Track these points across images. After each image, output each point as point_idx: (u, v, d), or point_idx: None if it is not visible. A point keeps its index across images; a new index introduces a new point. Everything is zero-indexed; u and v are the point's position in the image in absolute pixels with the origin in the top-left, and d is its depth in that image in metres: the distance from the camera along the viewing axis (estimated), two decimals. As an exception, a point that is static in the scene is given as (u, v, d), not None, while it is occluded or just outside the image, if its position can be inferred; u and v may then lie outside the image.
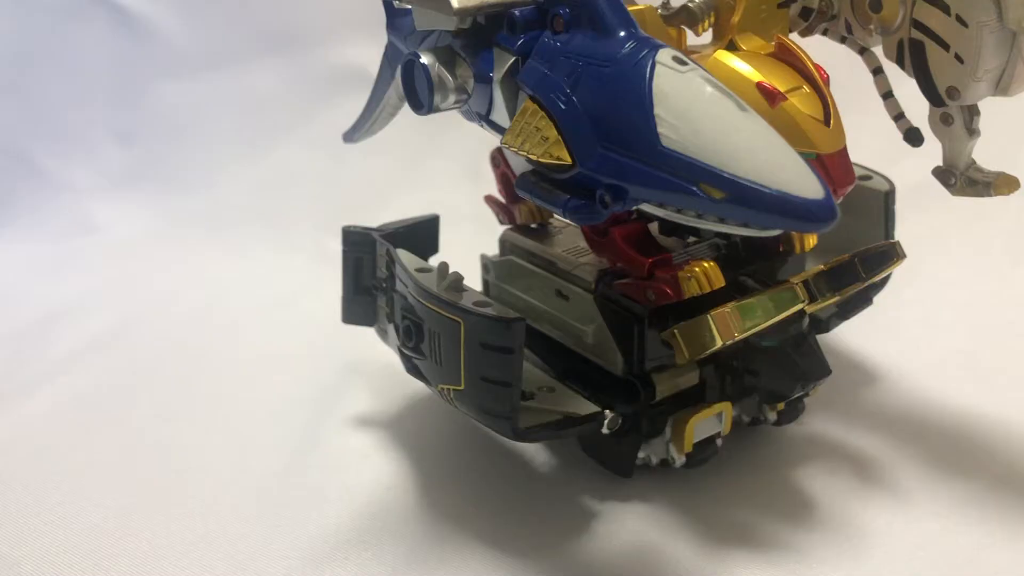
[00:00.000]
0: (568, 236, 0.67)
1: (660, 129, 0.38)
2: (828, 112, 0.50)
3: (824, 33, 0.61)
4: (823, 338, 0.76)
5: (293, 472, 0.65)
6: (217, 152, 1.08)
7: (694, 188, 0.37)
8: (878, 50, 0.58)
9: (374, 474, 0.65)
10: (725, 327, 0.52)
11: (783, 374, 0.56)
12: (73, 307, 0.93)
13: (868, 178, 0.68)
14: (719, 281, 0.53)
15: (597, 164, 0.40)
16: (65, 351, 0.84)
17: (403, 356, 0.59)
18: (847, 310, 0.67)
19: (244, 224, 1.02)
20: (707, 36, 0.59)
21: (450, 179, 1.03)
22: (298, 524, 0.60)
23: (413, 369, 0.58)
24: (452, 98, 0.48)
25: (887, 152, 0.68)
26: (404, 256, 0.59)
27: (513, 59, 0.45)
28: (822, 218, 0.36)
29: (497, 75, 0.46)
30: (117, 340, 0.86)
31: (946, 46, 0.52)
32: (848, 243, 0.67)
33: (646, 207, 0.40)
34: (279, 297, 0.91)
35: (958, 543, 0.56)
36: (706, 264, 0.53)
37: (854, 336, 0.77)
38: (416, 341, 0.56)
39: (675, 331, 0.54)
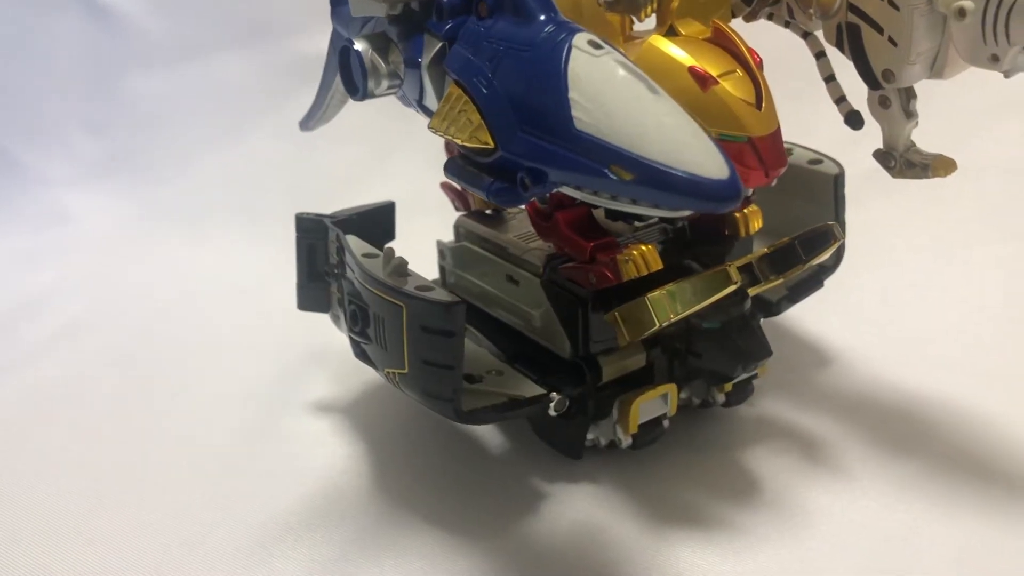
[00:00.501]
0: (520, 222, 0.67)
1: (574, 112, 0.38)
2: (760, 95, 0.50)
3: (769, 18, 0.62)
4: (780, 321, 0.78)
5: (249, 457, 0.66)
6: (189, 142, 1.09)
7: (606, 170, 0.38)
8: (821, 35, 0.59)
9: (329, 458, 0.65)
10: (661, 309, 0.53)
11: (725, 355, 0.57)
12: (44, 297, 0.94)
13: (819, 162, 0.69)
14: (656, 264, 0.54)
15: (517, 147, 0.40)
16: (33, 341, 0.85)
17: (352, 341, 0.59)
18: (797, 293, 0.68)
19: (215, 213, 1.03)
20: (652, 22, 0.59)
21: (419, 167, 1.03)
22: (251, 507, 0.61)
23: (361, 354, 0.59)
24: (385, 84, 0.49)
25: (850, 136, 0.69)
26: (352, 242, 0.60)
27: (440, 44, 0.45)
28: (726, 197, 0.36)
29: (425, 60, 0.46)
30: (86, 329, 0.87)
31: (880, 29, 0.52)
32: (800, 226, 0.67)
33: (567, 190, 0.41)
34: (248, 285, 0.91)
35: (897, 521, 0.56)
36: (644, 247, 0.54)
37: (812, 319, 0.77)
38: (362, 326, 0.57)
39: (616, 314, 0.55)
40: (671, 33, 0.56)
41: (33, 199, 1.09)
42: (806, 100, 0.66)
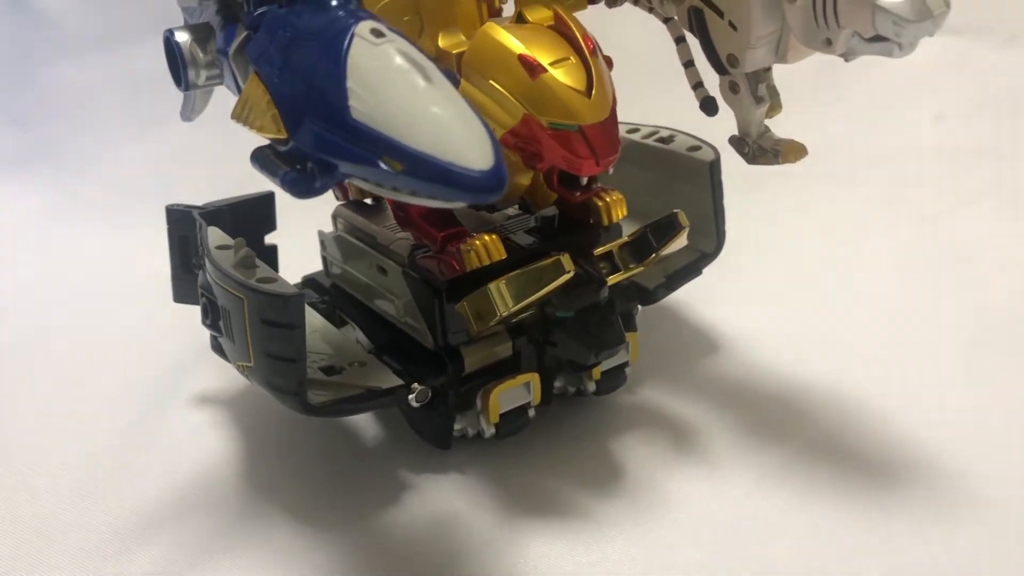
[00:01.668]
0: (395, 212, 0.67)
1: (350, 101, 0.38)
2: (591, 83, 0.50)
3: (635, 3, 0.61)
4: (674, 309, 0.78)
5: (125, 449, 0.66)
6: (108, 132, 1.08)
7: (379, 161, 0.37)
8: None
9: (203, 451, 0.65)
10: (502, 298, 0.52)
11: (578, 343, 0.56)
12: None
13: (697, 148, 0.68)
14: (499, 253, 0.53)
15: (304, 137, 0.40)
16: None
17: (210, 335, 0.59)
18: (674, 281, 0.68)
19: (132, 203, 1.02)
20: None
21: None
22: (117, 499, 0.61)
23: (217, 347, 0.59)
24: (204, 74, 0.49)
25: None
26: (211, 233, 0.59)
27: (246, 33, 0.45)
28: (486, 188, 0.36)
29: (231, 49, 0.46)
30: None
31: (721, 14, 0.52)
32: (683, 211, 0.68)
33: (356, 181, 0.40)
34: (156, 275, 0.91)
35: (751, 508, 0.56)
36: (487, 237, 0.54)
37: (706, 307, 0.77)
38: (213, 318, 0.56)
39: (464, 303, 0.55)
40: (520, 19, 0.55)
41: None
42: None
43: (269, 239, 0.72)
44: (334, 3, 0.41)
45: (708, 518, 0.56)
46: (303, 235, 0.72)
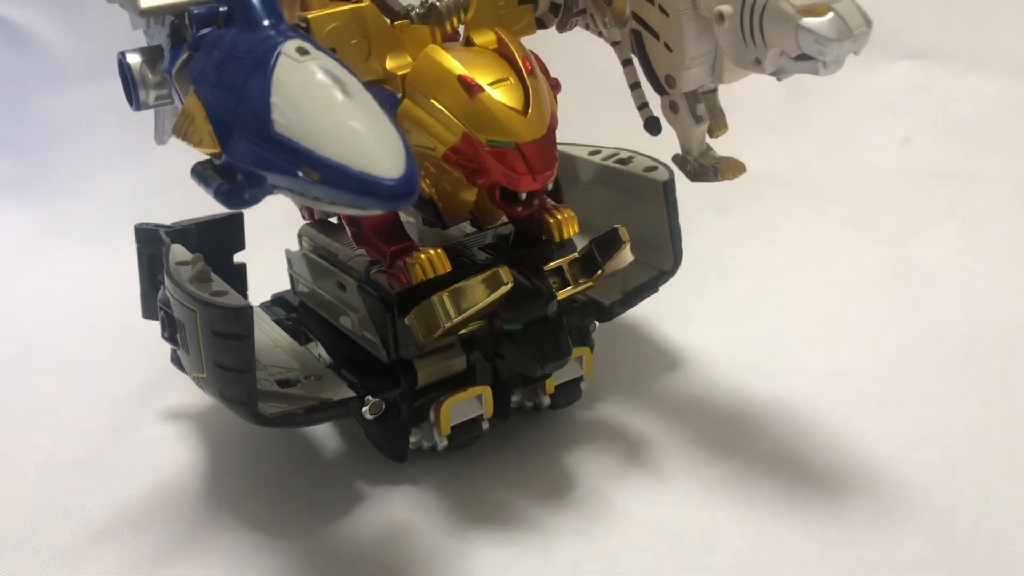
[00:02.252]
0: (357, 230, 0.69)
1: (273, 115, 0.40)
2: (528, 102, 0.51)
3: (586, 28, 0.63)
4: (639, 326, 0.79)
5: (91, 460, 0.68)
6: (97, 158, 1.11)
7: (298, 171, 0.39)
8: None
9: (166, 463, 0.67)
10: (444, 309, 0.54)
11: (524, 356, 0.58)
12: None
13: (653, 169, 0.70)
14: (443, 267, 0.55)
15: (234, 151, 0.42)
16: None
17: (171, 348, 0.61)
18: (631, 297, 0.69)
19: (118, 224, 1.03)
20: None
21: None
22: (79, 509, 0.62)
23: (176, 360, 0.60)
24: (154, 94, 0.51)
25: (731, 144, 0.70)
26: (174, 251, 0.61)
27: (188, 54, 0.47)
28: (395, 195, 0.38)
29: (174, 69, 0.48)
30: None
31: (657, 35, 0.54)
32: (638, 230, 0.69)
33: (284, 193, 0.42)
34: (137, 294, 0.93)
35: (701, 518, 0.57)
36: (432, 251, 0.55)
37: (672, 324, 0.78)
38: (170, 332, 0.58)
39: (412, 316, 0.56)
40: (468, 42, 0.57)
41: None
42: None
43: (240, 257, 0.74)
44: (265, 23, 0.43)
45: (653, 528, 0.57)
46: (280, 254, 0.74)
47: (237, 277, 0.73)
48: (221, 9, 0.45)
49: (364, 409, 0.59)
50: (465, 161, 0.53)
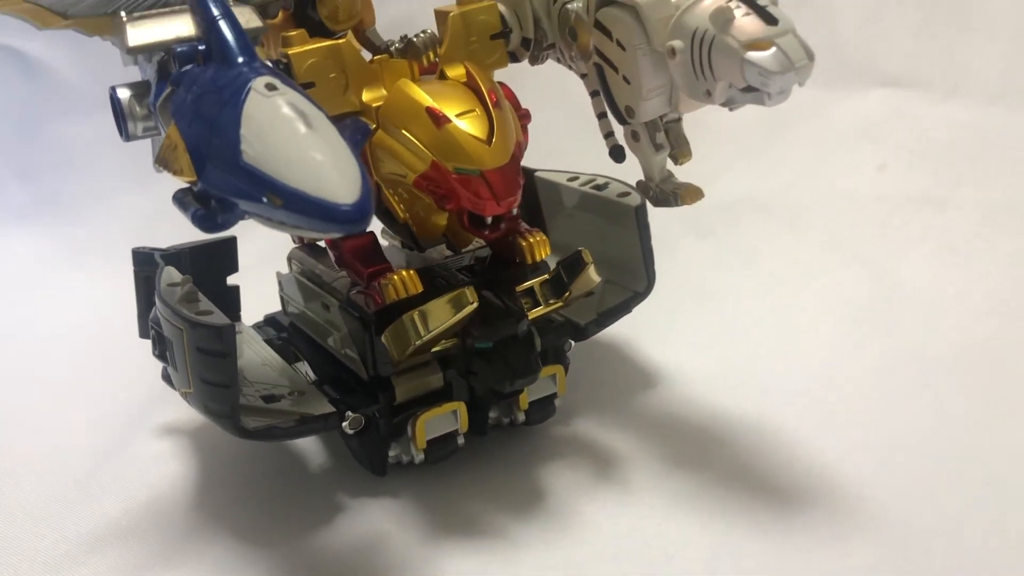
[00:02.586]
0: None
1: (242, 146, 0.43)
2: (492, 132, 0.54)
3: (558, 61, 0.66)
4: (619, 346, 0.82)
5: (88, 473, 0.71)
6: (103, 184, 1.15)
7: (263, 198, 0.42)
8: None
9: (160, 476, 0.70)
10: (414, 327, 0.57)
11: (495, 372, 0.60)
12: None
13: (626, 194, 0.73)
14: (415, 287, 0.58)
15: (207, 179, 0.45)
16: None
17: (162, 366, 0.64)
18: (605, 318, 0.72)
19: (124, 249, 1.08)
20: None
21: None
22: (76, 519, 0.66)
23: (166, 377, 0.63)
24: (141, 126, 0.54)
25: (711, 170, 0.72)
26: (166, 273, 0.65)
27: (170, 88, 0.50)
28: (349, 219, 0.41)
29: (158, 102, 0.51)
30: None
31: (616, 69, 0.57)
32: (614, 253, 0.73)
33: (254, 218, 0.45)
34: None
35: (664, 529, 0.60)
36: (405, 273, 0.58)
37: (646, 345, 0.81)
38: (160, 349, 0.61)
39: (387, 334, 0.59)
40: (441, 76, 0.61)
41: (-40, 239, 1.16)
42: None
43: (235, 279, 0.77)
44: (240, 61, 0.47)
45: (617, 538, 0.59)
46: (274, 277, 0.77)
47: (230, 298, 0.77)
48: (201, 48, 0.49)
49: (345, 424, 0.62)
50: (434, 187, 0.56)
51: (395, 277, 0.58)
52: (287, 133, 0.42)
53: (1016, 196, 0.91)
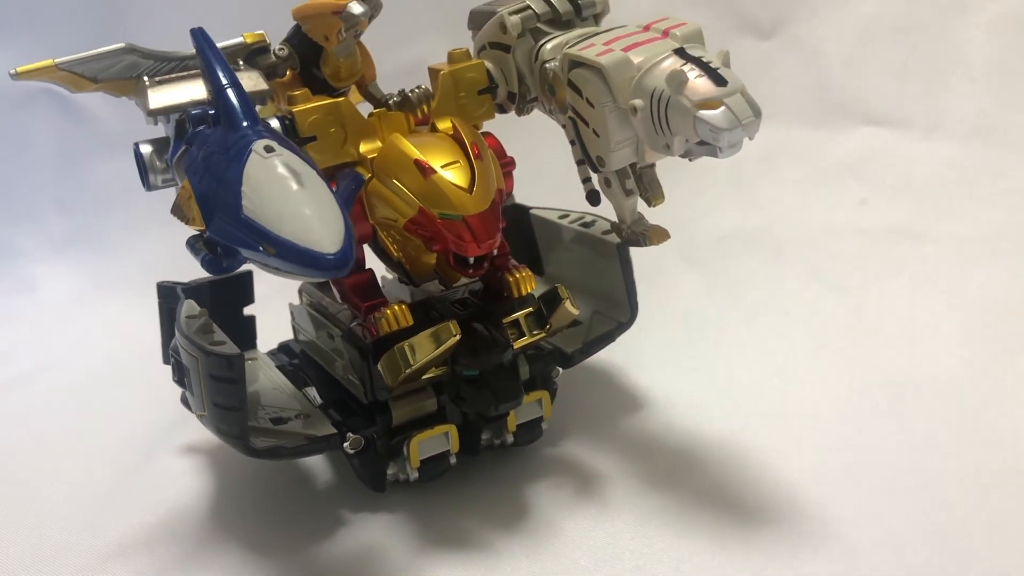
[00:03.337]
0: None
1: (243, 201, 0.49)
2: (474, 182, 0.60)
3: (544, 112, 0.72)
4: (610, 371, 0.87)
5: (117, 488, 0.78)
6: (138, 220, 1.22)
7: (259, 247, 0.48)
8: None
9: (181, 492, 0.76)
10: (404, 357, 0.63)
11: (481, 398, 0.66)
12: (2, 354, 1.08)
13: (610, 232, 0.78)
14: (405, 321, 0.64)
15: (214, 228, 0.51)
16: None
17: (181, 391, 0.70)
18: (591, 347, 0.77)
19: (156, 282, 1.16)
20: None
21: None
22: (103, 529, 0.72)
23: (184, 401, 0.70)
24: (161, 178, 0.61)
25: (704, 206, 0.76)
26: (186, 305, 0.71)
27: (184, 147, 0.57)
28: (332, 267, 0.47)
29: (174, 159, 0.58)
30: (21, 383, 1.00)
31: (586, 123, 0.62)
32: (601, 286, 0.79)
33: (251, 263, 0.51)
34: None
35: (636, 544, 0.64)
36: (396, 307, 0.64)
37: (635, 371, 0.86)
38: (179, 375, 0.68)
39: (381, 362, 0.65)
40: (433, 128, 0.67)
41: (7, 269, 1.24)
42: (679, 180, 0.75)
43: (252, 310, 0.84)
44: (244, 125, 0.53)
45: (593, 552, 0.64)
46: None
47: (247, 328, 0.84)
48: (211, 112, 0.56)
49: (346, 444, 0.68)
50: (422, 231, 0.62)
51: (388, 311, 0.64)
52: (281, 190, 0.49)
53: (991, 230, 0.96)
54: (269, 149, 0.50)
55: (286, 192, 0.49)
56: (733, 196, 1.07)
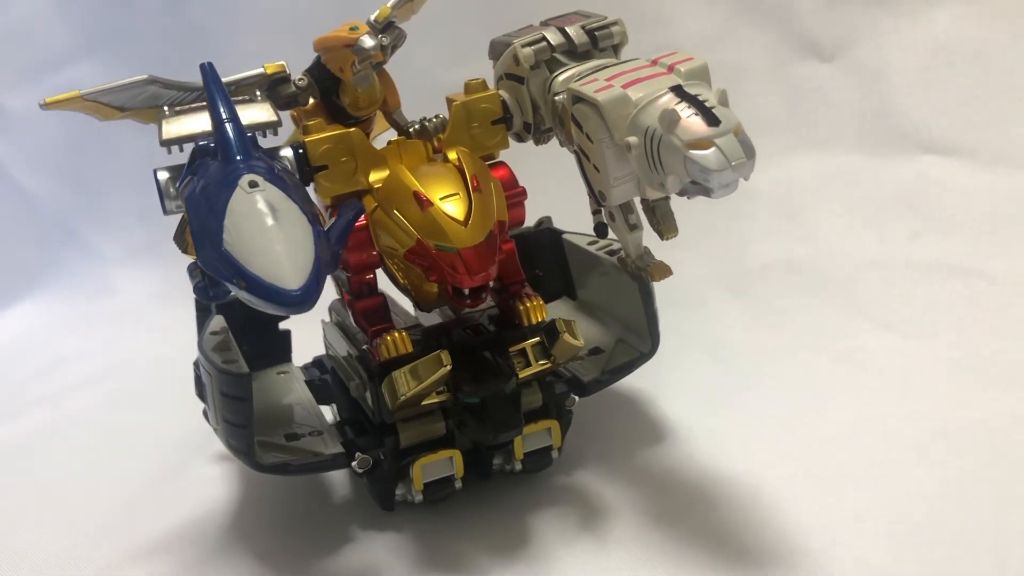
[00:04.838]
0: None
1: (224, 235, 0.51)
2: (470, 214, 0.61)
3: (561, 144, 0.72)
4: (635, 402, 0.86)
5: (147, 490, 0.82)
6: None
7: (234, 280, 0.50)
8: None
9: (209, 497, 0.80)
10: (402, 383, 0.64)
11: (481, 426, 0.67)
12: (75, 356, 1.14)
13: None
14: (404, 347, 0.65)
15: (202, 258, 0.54)
16: (43, 392, 1.04)
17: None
18: (610, 376, 0.77)
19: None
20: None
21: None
22: (130, 531, 0.76)
23: (204, 413, 0.73)
24: (175, 204, 0.64)
25: (751, 233, 0.74)
26: (214, 320, 0.74)
27: (189, 177, 0.60)
28: (293, 303, 0.49)
29: (181, 186, 0.61)
30: (92, 382, 1.07)
31: (587, 157, 0.62)
32: (625, 314, 0.79)
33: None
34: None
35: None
36: (397, 334, 0.66)
37: (662, 402, 0.85)
38: (200, 389, 0.71)
39: (384, 386, 0.66)
40: (445, 158, 0.68)
41: (91, 274, 1.32)
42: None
43: (288, 324, 0.87)
44: (238, 158, 0.55)
45: (586, 580, 0.65)
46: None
47: (281, 342, 0.87)
48: (212, 144, 0.58)
49: (354, 464, 0.70)
50: (420, 261, 0.63)
51: (388, 337, 0.65)
52: (256, 226, 0.51)
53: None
54: (253, 184, 0.53)
55: (261, 228, 0.51)
56: (783, 223, 1.05)
